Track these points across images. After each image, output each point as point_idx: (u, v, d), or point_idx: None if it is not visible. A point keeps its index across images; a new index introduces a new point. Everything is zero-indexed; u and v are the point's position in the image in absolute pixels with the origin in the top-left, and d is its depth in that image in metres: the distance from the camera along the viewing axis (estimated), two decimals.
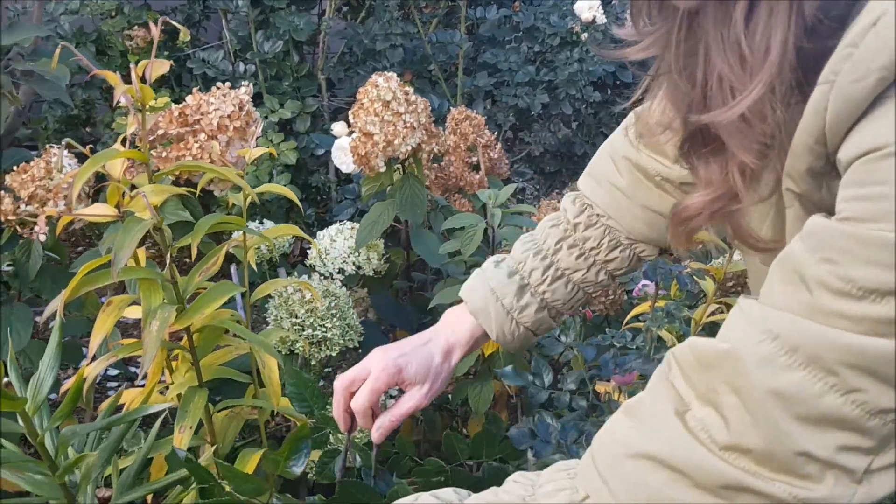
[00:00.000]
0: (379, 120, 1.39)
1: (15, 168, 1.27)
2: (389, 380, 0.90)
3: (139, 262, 1.07)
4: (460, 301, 0.97)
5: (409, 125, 1.40)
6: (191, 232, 1.04)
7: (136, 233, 0.92)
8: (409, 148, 1.42)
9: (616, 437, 0.59)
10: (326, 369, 2.04)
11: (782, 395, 0.50)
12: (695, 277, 1.36)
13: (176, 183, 1.30)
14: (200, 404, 1.05)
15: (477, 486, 1.03)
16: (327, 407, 1.21)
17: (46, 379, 0.76)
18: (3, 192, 1.27)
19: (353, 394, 0.93)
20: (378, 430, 0.92)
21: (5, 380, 0.68)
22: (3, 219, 1.27)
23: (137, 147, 0.97)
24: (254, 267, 1.17)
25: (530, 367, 1.16)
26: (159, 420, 1.02)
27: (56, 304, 0.96)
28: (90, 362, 0.98)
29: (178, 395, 1.11)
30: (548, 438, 0.95)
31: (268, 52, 2.50)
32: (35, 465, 0.78)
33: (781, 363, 0.50)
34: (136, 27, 2.47)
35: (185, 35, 2.87)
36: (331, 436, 1.21)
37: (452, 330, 0.95)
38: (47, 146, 1.26)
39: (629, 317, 1.41)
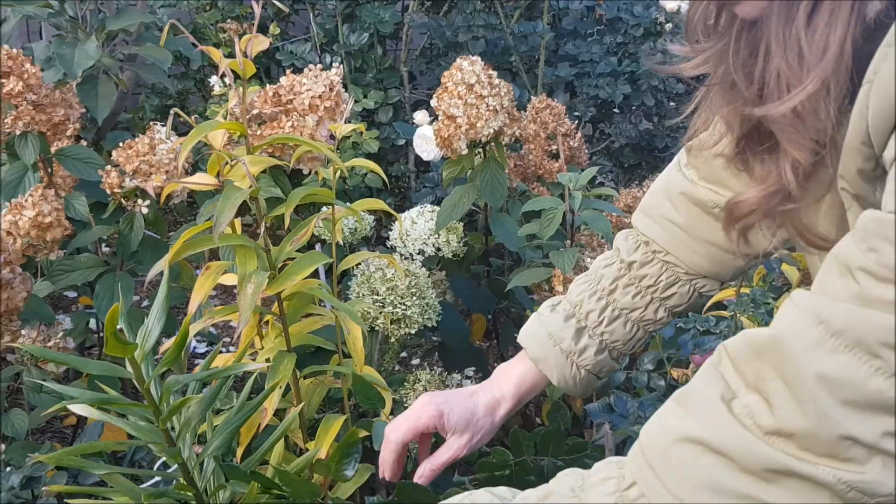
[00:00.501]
0: (462, 103, 1.42)
1: (121, 144, 1.35)
2: (429, 421, 0.92)
3: (235, 232, 1.13)
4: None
5: (491, 108, 1.42)
6: (283, 203, 1.10)
7: (236, 199, 0.97)
8: (492, 131, 1.45)
9: (664, 423, 0.59)
10: (402, 354, 2.09)
11: (828, 379, 0.51)
12: (784, 265, 1.33)
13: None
14: (289, 367, 1.10)
15: (539, 483, 1.03)
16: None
17: (154, 329, 0.82)
18: (109, 166, 1.36)
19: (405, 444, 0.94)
20: (419, 479, 0.94)
21: (119, 326, 0.73)
22: (109, 192, 1.36)
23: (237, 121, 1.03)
24: (340, 240, 1.22)
25: None
26: (251, 381, 1.08)
27: (161, 265, 1.02)
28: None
29: (267, 360, 1.16)
30: (625, 413, 0.96)
31: (353, 44, 2.57)
32: (141, 409, 0.83)
33: (827, 347, 0.51)
34: (228, 20, 2.58)
35: (274, 29, 2.96)
36: None
37: (498, 384, 0.96)
38: (151, 123, 1.34)
39: (710, 303, 1.40)
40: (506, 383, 0.96)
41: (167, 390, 0.84)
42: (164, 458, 0.97)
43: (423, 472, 0.94)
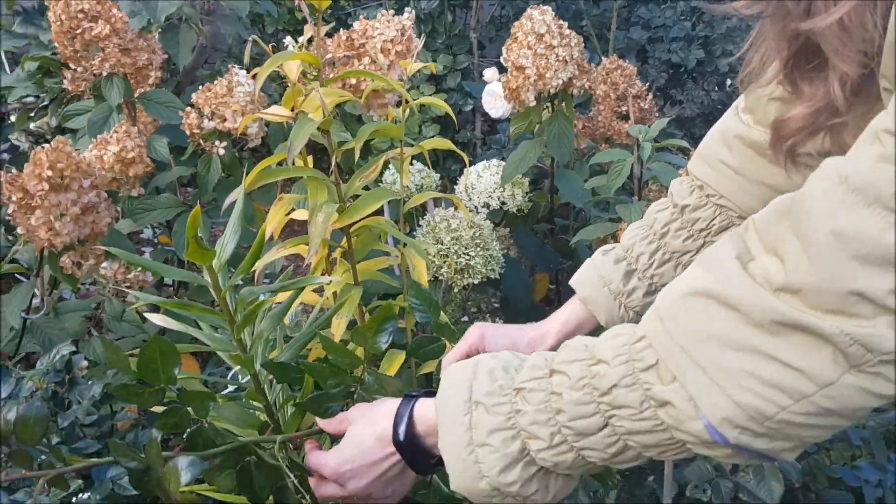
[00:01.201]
0: (532, 53, 1.42)
1: (200, 87, 1.40)
2: (472, 341, 0.96)
3: (307, 166, 1.16)
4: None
5: (561, 59, 1.42)
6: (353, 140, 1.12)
7: (308, 128, 1.00)
8: (560, 82, 1.44)
9: (679, 280, 0.60)
10: (469, 304, 2.11)
11: (842, 234, 0.51)
12: None
13: (339, 105, 1.39)
14: (356, 298, 1.13)
15: None
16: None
17: (230, 242, 0.85)
18: (189, 108, 1.41)
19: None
20: None
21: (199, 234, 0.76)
22: (188, 133, 1.41)
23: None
24: (406, 181, 1.24)
25: None
26: (318, 306, 1.12)
27: (237, 193, 1.06)
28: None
29: (334, 294, 1.20)
30: None
31: (424, 9, 2.58)
32: (217, 318, 0.87)
33: (846, 203, 0.51)
34: None
35: None
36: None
37: (546, 323, 0.98)
38: (229, 66, 1.38)
39: None
40: (552, 322, 0.99)
41: (241, 301, 0.87)
42: (236, 370, 1.02)
43: None
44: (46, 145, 1.07)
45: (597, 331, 0.97)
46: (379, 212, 1.16)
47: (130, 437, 1.13)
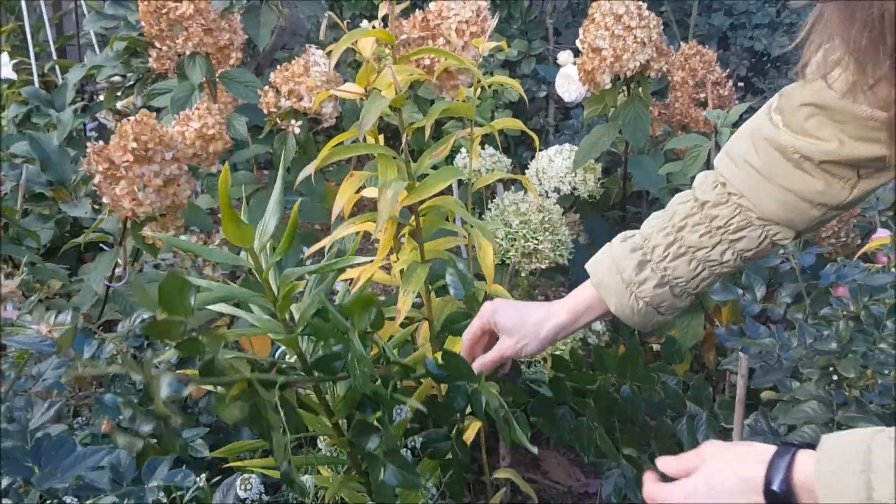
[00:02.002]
0: (609, 34, 1.40)
1: (278, 67, 1.44)
2: (483, 314, 1.00)
3: (378, 143, 1.18)
4: None
5: (639, 40, 1.39)
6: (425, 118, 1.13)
7: (380, 104, 1.02)
8: (638, 64, 1.42)
9: None
10: (537, 291, 2.10)
11: None
12: None
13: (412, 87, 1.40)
14: (422, 276, 1.14)
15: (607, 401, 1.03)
16: None
17: (270, 223, 0.86)
18: (267, 87, 1.45)
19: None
20: (476, 368, 1.00)
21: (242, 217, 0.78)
22: (266, 111, 1.45)
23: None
24: (476, 160, 1.24)
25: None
26: (360, 284, 1.13)
27: (310, 168, 1.09)
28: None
29: (401, 272, 1.21)
30: (757, 337, 0.93)
31: None
32: (261, 300, 0.88)
33: None
34: None
35: None
36: None
37: (557, 302, 0.99)
38: (306, 46, 1.41)
39: (860, 252, 1.32)
40: (563, 302, 1.00)
41: (284, 281, 0.88)
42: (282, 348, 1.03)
43: (474, 367, 1.00)
44: (132, 118, 1.11)
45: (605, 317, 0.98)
46: (448, 195, 1.17)
47: (203, 403, 1.17)
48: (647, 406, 1.00)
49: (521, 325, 0.97)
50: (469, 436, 1.09)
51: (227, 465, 0.97)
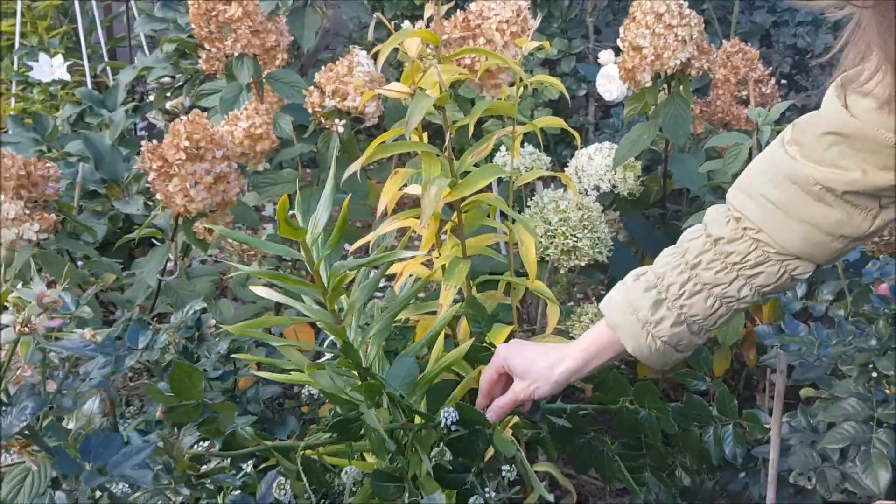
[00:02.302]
0: (650, 32, 1.41)
1: (323, 67, 1.47)
2: (497, 357, 1.02)
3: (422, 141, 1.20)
4: None
5: (680, 39, 1.40)
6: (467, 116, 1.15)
7: (425, 102, 1.04)
8: (679, 62, 1.42)
9: None
10: (576, 289, 2.11)
11: None
12: None
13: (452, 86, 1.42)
14: (463, 271, 1.17)
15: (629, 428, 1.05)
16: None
17: (322, 216, 0.89)
18: (312, 87, 1.48)
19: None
20: (488, 416, 1.01)
21: (290, 213, 0.81)
22: (310, 111, 1.48)
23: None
24: (517, 159, 1.26)
25: None
26: (411, 279, 1.15)
27: (356, 165, 1.12)
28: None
29: (442, 268, 1.24)
30: (796, 334, 0.94)
31: None
32: (311, 290, 0.91)
33: None
34: None
35: None
36: None
37: (570, 344, 1.00)
38: (350, 47, 1.44)
39: None
40: (576, 344, 1.00)
41: (334, 273, 0.91)
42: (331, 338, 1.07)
43: (491, 410, 1.02)
44: (184, 118, 1.15)
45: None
46: (488, 192, 1.19)
47: (251, 393, 1.21)
48: (674, 414, 1.01)
49: (533, 368, 0.98)
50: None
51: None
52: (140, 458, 0.66)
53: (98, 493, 0.72)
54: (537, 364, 0.98)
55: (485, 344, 1.11)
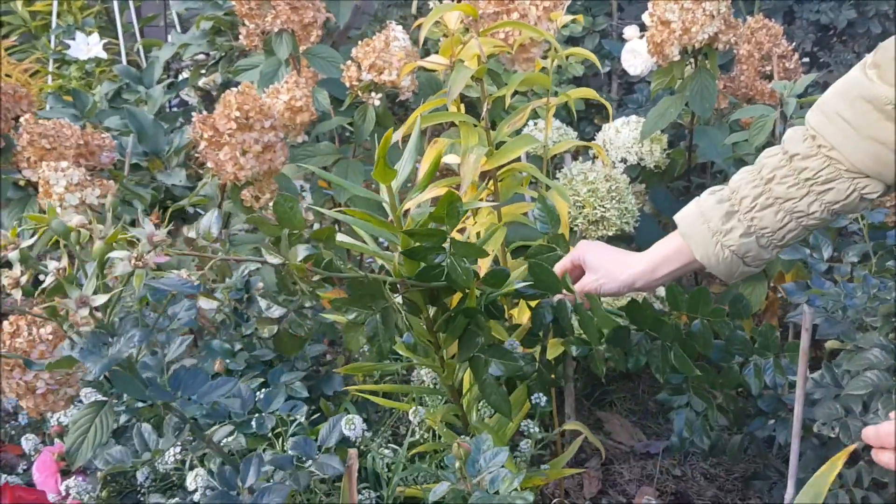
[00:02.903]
0: (678, 7, 1.45)
1: (360, 42, 1.52)
2: (574, 252, 1.11)
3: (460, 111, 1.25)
4: None
5: (707, 13, 1.44)
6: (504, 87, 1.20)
7: (466, 73, 1.09)
8: (706, 36, 1.46)
9: None
10: None
11: None
12: None
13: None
14: (499, 238, 1.22)
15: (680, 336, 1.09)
16: None
17: (406, 165, 0.94)
18: (349, 61, 1.53)
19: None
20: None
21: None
22: (347, 84, 1.53)
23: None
24: (550, 130, 1.30)
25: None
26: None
27: (398, 135, 1.17)
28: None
29: (477, 235, 1.29)
30: (823, 288, 0.98)
31: None
32: (389, 231, 0.96)
33: None
34: None
35: None
36: None
37: (642, 253, 1.06)
38: (387, 22, 1.49)
39: None
40: (647, 251, 1.06)
41: (412, 218, 0.97)
42: None
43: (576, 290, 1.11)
44: (234, 89, 1.21)
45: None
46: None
47: (300, 352, 1.27)
48: (716, 352, 1.06)
49: (604, 265, 1.05)
50: (552, 354, 1.18)
51: (341, 390, 1.07)
52: (225, 390, 0.72)
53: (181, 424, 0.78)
54: (609, 262, 1.06)
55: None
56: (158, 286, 0.76)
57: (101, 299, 0.71)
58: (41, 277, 0.70)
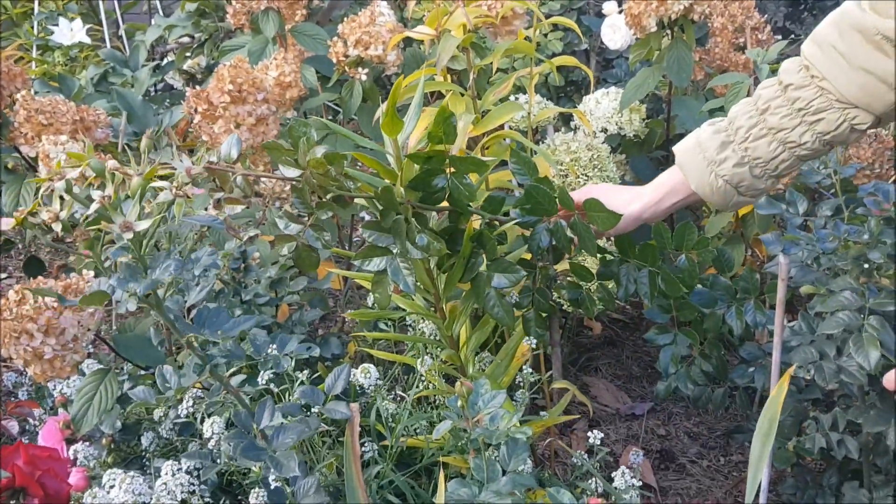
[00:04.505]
0: None
1: (346, 18, 1.55)
2: (581, 192, 1.11)
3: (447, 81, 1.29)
4: None
5: None
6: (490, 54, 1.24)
7: (453, 42, 1.13)
8: (682, 7, 1.51)
9: None
10: None
11: None
12: None
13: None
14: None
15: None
16: None
17: (412, 120, 0.97)
18: (336, 37, 1.56)
19: None
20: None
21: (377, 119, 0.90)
22: (335, 60, 1.57)
23: None
24: (532, 98, 1.35)
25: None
26: None
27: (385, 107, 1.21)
28: None
29: None
30: (798, 241, 1.04)
31: None
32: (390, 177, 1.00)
33: None
34: None
35: None
36: None
37: (646, 186, 1.10)
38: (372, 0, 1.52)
39: (893, 180, 1.41)
40: (650, 184, 1.10)
41: (409, 164, 1.00)
42: None
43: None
44: (227, 63, 1.24)
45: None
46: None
47: (296, 317, 1.31)
48: (700, 297, 1.11)
49: (611, 202, 1.07)
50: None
51: (339, 353, 1.10)
52: (249, 325, 0.77)
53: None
54: (616, 199, 1.09)
55: None
56: (191, 221, 0.81)
57: (143, 224, 0.75)
58: (76, 215, 0.74)
